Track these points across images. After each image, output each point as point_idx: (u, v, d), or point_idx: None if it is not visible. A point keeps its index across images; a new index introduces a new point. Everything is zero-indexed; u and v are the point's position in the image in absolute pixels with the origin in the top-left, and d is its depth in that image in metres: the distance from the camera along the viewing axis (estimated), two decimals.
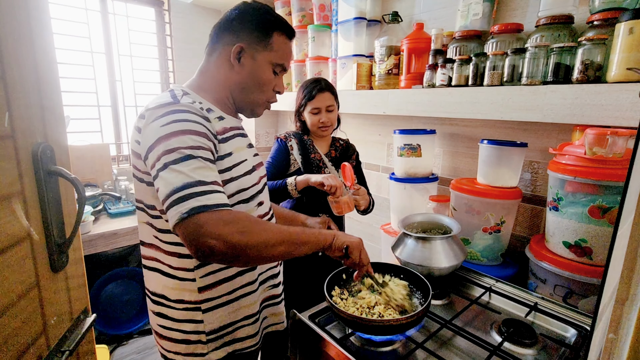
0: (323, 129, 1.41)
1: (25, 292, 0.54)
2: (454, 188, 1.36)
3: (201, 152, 0.70)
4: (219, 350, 0.87)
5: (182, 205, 0.64)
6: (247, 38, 0.84)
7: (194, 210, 0.63)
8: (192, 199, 0.64)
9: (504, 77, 1.15)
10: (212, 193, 0.67)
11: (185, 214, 0.63)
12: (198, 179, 0.66)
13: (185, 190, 0.65)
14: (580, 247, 1.04)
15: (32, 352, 0.55)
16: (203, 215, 0.63)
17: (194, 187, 0.65)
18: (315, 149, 1.45)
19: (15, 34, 0.54)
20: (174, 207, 0.64)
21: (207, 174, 0.69)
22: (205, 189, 0.66)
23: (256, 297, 0.91)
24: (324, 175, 1.27)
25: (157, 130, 0.70)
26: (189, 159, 0.68)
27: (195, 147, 0.70)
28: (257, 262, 0.74)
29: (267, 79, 0.88)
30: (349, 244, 0.83)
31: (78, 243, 0.70)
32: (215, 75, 0.87)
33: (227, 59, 0.85)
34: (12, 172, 0.52)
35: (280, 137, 1.46)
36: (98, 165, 2.28)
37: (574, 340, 0.90)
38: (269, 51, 0.86)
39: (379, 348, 0.88)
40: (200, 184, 0.66)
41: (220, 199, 0.67)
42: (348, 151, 1.53)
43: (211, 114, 0.82)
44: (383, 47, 1.56)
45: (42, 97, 0.60)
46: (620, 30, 0.89)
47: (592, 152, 0.98)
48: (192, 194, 0.64)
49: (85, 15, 2.25)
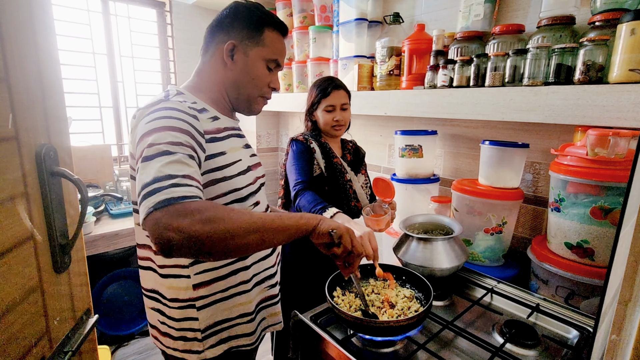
0: (337, 128, 1.35)
1: (29, 292, 0.54)
2: (456, 189, 1.36)
3: (179, 148, 0.67)
4: (215, 348, 0.87)
5: (149, 200, 0.60)
6: (239, 35, 0.85)
7: (158, 204, 0.59)
8: (157, 194, 0.60)
9: (505, 78, 1.15)
10: (180, 186, 0.62)
11: (151, 208, 0.59)
12: (168, 172, 0.63)
13: (153, 185, 0.61)
14: (582, 248, 1.04)
15: (36, 353, 0.55)
16: (164, 209, 0.59)
17: (161, 181, 0.61)
18: (334, 154, 1.38)
19: (19, 36, 0.54)
20: (142, 202, 0.61)
21: (179, 168, 0.64)
22: (172, 182, 0.62)
23: (251, 296, 0.91)
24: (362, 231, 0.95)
25: (142, 128, 0.71)
26: (163, 155, 0.65)
27: (173, 143, 0.67)
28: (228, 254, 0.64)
29: (260, 74, 0.88)
30: (337, 227, 0.74)
31: (81, 244, 0.71)
32: (210, 75, 0.88)
33: (221, 57, 0.86)
34: (16, 173, 0.52)
35: (298, 138, 1.36)
36: (99, 166, 2.28)
37: (576, 341, 0.90)
38: (261, 47, 0.86)
39: (381, 349, 0.88)
40: (169, 177, 0.62)
41: (187, 191, 0.62)
42: (359, 153, 1.49)
43: (205, 113, 0.82)
44: (384, 48, 1.56)
45: (45, 99, 0.60)
46: (622, 31, 0.89)
47: (594, 153, 0.98)
48: (158, 188, 0.61)
49: (87, 17, 2.26)
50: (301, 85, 2.14)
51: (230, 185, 0.83)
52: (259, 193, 0.93)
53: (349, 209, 1.36)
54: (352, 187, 1.38)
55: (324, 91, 1.33)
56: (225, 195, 0.82)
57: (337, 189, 1.34)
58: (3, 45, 0.50)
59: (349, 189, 1.37)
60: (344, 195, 1.35)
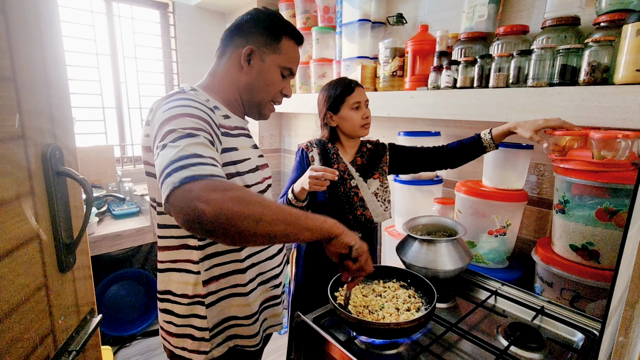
0: (366, 126, 1.25)
1: (34, 291, 0.54)
2: (459, 190, 1.36)
3: (201, 133, 0.68)
4: (220, 347, 0.88)
5: (175, 175, 0.59)
6: (257, 41, 0.87)
7: (187, 179, 0.58)
8: (185, 169, 0.59)
9: (509, 78, 1.15)
10: (207, 165, 0.62)
11: (178, 183, 0.58)
12: (194, 152, 0.63)
13: (180, 162, 0.61)
14: (587, 250, 1.04)
15: (40, 351, 0.55)
16: (195, 182, 0.58)
17: (188, 158, 0.61)
18: (339, 159, 1.27)
19: (26, 37, 0.54)
20: (167, 179, 0.60)
21: (204, 150, 0.65)
22: (200, 161, 0.62)
23: (255, 296, 0.91)
24: (308, 172, 1.09)
25: (160, 116, 0.71)
26: (187, 137, 0.65)
27: (196, 128, 0.68)
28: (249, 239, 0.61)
29: (274, 80, 0.90)
30: (360, 246, 0.74)
31: (85, 244, 0.71)
32: (224, 77, 0.90)
33: (237, 61, 0.88)
34: (22, 172, 0.52)
35: (302, 146, 1.32)
36: (102, 167, 2.29)
37: (582, 344, 0.89)
38: (277, 54, 0.88)
39: (384, 351, 0.87)
40: (196, 156, 0.62)
41: (215, 171, 0.62)
42: (377, 152, 1.33)
43: (217, 111, 0.84)
44: (387, 48, 1.56)
45: (51, 99, 0.61)
46: (627, 31, 0.88)
47: (601, 156, 0.97)
48: (186, 164, 0.60)
49: (90, 18, 2.27)
50: (304, 87, 2.15)
51: (242, 181, 0.84)
52: (266, 194, 0.94)
53: (354, 218, 1.25)
54: (357, 195, 1.26)
55: (347, 88, 1.23)
56: None
57: (337, 197, 1.25)
58: (10, 46, 0.50)
59: (353, 196, 1.25)
60: (346, 204, 1.25)
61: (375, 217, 1.28)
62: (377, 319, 0.88)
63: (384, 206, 1.30)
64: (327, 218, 0.73)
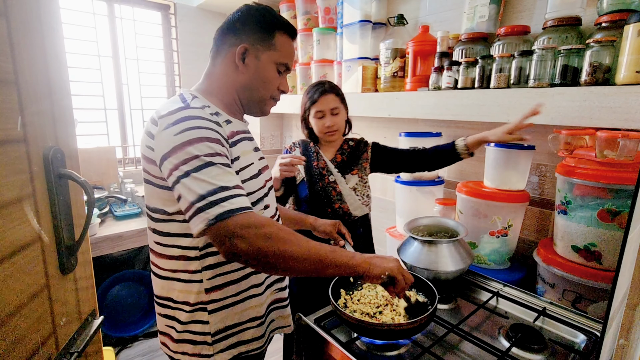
0: (329, 134, 1.32)
1: (36, 293, 0.55)
2: (460, 191, 1.35)
3: (219, 159, 0.72)
4: (224, 353, 0.87)
5: (208, 212, 0.66)
6: (250, 39, 0.85)
7: (221, 216, 0.66)
8: (216, 206, 0.67)
9: (510, 79, 1.14)
10: (235, 197, 0.69)
11: (212, 220, 0.66)
12: (220, 184, 0.69)
13: (210, 198, 0.67)
14: (589, 251, 1.03)
15: (42, 353, 0.55)
16: (229, 219, 0.66)
17: (217, 193, 0.68)
18: (319, 156, 1.36)
19: (28, 40, 0.55)
20: (199, 214, 0.67)
21: (228, 179, 0.70)
22: (228, 194, 0.68)
23: (263, 299, 0.91)
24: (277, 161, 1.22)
25: (171, 139, 0.71)
26: (209, 166, 0.70)
27: (213, 154, 0.71)
28: (280, 271, 0.74)
29: (271, 77, 0.89)
30: (390, 270, 0.78)
31: (87, 245, 0.71)
32: (221, 78, 0.88)
33: (232, 60, 0.86)
34: (24, 175, 0.53)
35: (287, 147, 1.43)
36: (104, 168, 2.30)
37: (584, 345, 0.89)
38: (272, 50, 0.87)
39: (385, 352, 0.87)
40: (223, 189, 0.68)
41: (242, 202, 0.69)
42: (358, 150, 1.39)
43: (219, 117, 0.83)
44: (388, 49, 1.56)
45: (53, 101, 0.61)
46: (629, 32, 0.88)
47: (603, 155, 0.97)
48: (216, 200, 0.67)
49: (92, 20, 2.28)
50: (305, 88, 2.15)
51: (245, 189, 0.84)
52: (268, 196, 0.93)
53: (332, 211, 1.31)
54: (335, 189, 1.33)
55: (311, 98, 1.31)
56: None
57: (317, 193, 1.32)
58: (13, 49, 0.51)
59: (331, 191, 1.32)
60: (325, 199, 1.32)
61: (353, 210, 1.34)
62: (382, 320, 0.88)
63: (363, 200, 1.36)
64: (355, 254, 0.78)
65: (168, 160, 0.71)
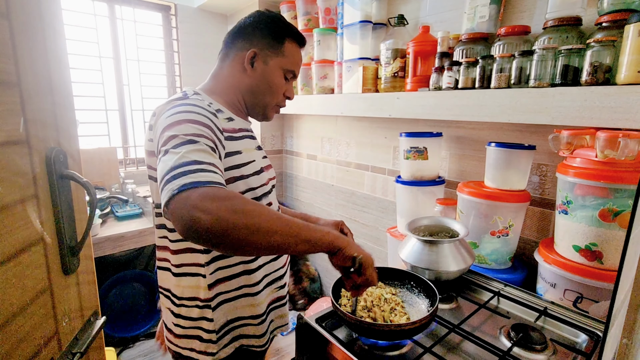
0: None
1: (39, 294, 0.55)
2: (461, 191, 1.35)
3: (202, 139, 0.68)
4: (227, 347, 0.89)
5: (174, 182, 0.60)
6: (260, 44, 0.87)
7: (185, 186, 0.59)
8: (184, 177, 0.60)
9: (511, 79, 1.14)
10: (206, 172, 0.62)
11: (176, 190, 0.59)
12: (194, 158, 0.63)
13: (179, 169, 0.61)
14: (590, 250, 1.03)
15: (45, 354, 0.55)
16: (193, 190, 0.59)
17: (188, 165, 0.62)
18: None
19: (30, 41, 0.55)
20: (166, 185, 0.61)
21: (204, 156, 0.65)
22: (199, 167, 0.62)
23: (262, 298, 0.91)
24: None
25: (163, 122, 0.72)
26: (188, 143, 0.66)
27: (197, 135, 0.68)
28: (245, 249, 0.62)
29: (278, 83, 0.91)
30: (365, 258, 0.72)
31: (89, 246, 0.71)
32: (227, 79, 0.90)
33: (241, 63, 0.88)
34: (27, 176, 0.53)
35: None
36: (105, 169, 2.30)
37: (585, 345, 0.89)
38: (280, 57, 0.89)
39: (386, 352, 0.87)
40: (195, 163, 0.63)
41: (214, 177, 0.63)
42: None
43: (220, 114, 0.84)
44: (389, 50, 1.56)
45: (55, 103, 0.61)
46: (629, 31, 0.88)
47: (604, 155, 0.97)
48: (185, 171, 0.61)
49: (94, 21, 2.29)
50: (305, 88, 2.15)
51: (246, 184, 0.84)
52: (271, 194, 0.94)
53: None
54: None
55: None
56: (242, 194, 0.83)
57: None
58: (15, 51, 0.51)
59: None
60: None
61: None
62: (384, 320, 0.88)
63: None
64: (330, 230, 0.71)
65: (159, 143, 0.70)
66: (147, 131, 0.83)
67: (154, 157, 0.79)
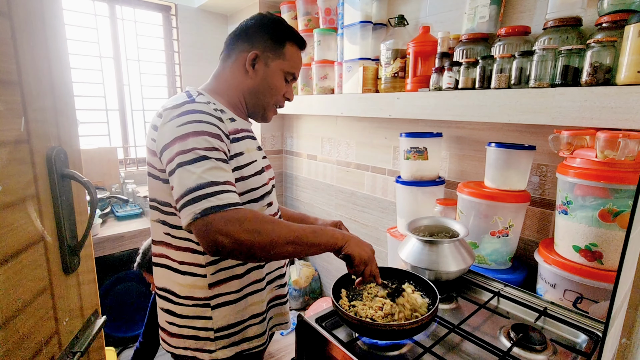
0: None
1: (39, 293, 0.55)
2: (461, 191, 1.35)
3: (215, 153, 0.73)
4: (226, 349, 0.88)
5: (195, 205, 0.67)
6: (261, 46, 0.89)
7: (206, 211, 0.67)
8: (204, 200, 0.68)
9: (511, 79, 1.15)
10: (223, 193, 0.70)
11: (199, 214, 0.67)
12: (210, 179, 0.70)
13: (198, 192, 0.68)
14: (590, 251, 1.03)
15: (45, 353, 0.55)
16: (214, 214, 0.67)
17: (205, 188, 0.69)
18: None
19: (31, 40, 0.55)
20: (187, 207, 0.68)
21: (219, 175, 0.72)
22: (216, 190, 0.69)
23: (263, 295, 0.92)
24: None
25: (173, 130, 0.74)
26: (202, 160, 0.71)
27: (209, 149, 0.73)
28: (266, 260, 0.78)
29: (278, 85, 0.93)
30: (357, 256, 0.82)
31: (89, 245, 0.71)
32: (229, 80, 0.91)
33: (242, 64, 0.90)
34: (28, 175, 0.53)
35: None
36: (106, 169, 2.31)
37: (585, 345, 0.89)
38: (281, 59, 0.91)
39: (386, 352, 0.87)
40: (212, 184, 0.69)
41: (230, 198, 0.70)
42: None
43: (223, 115, 0.85)
44: (389, 50, 1.56)
45: (56, 102, 0.61)
46: (629, 32, 0.88)
47: (604, 155, 0.97)
48: (204, 194, 0.68)
49: (94, 21, 2.29)
50: (306, 88, 2.15)
51: (246, 185, 0.85)
52: (271, 194, 0.95)
53: None
54: None
55: None
56: (242, 195, 0.84)
57: None
58: (16, 51, 0.51)
59: None
60: None
61: None
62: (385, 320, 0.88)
63: None
64: (335, 231, 0.81)
65: (167, 151, 0.73)
66: (149, 130, 0.83)
67: (156, 156, 0.80)
